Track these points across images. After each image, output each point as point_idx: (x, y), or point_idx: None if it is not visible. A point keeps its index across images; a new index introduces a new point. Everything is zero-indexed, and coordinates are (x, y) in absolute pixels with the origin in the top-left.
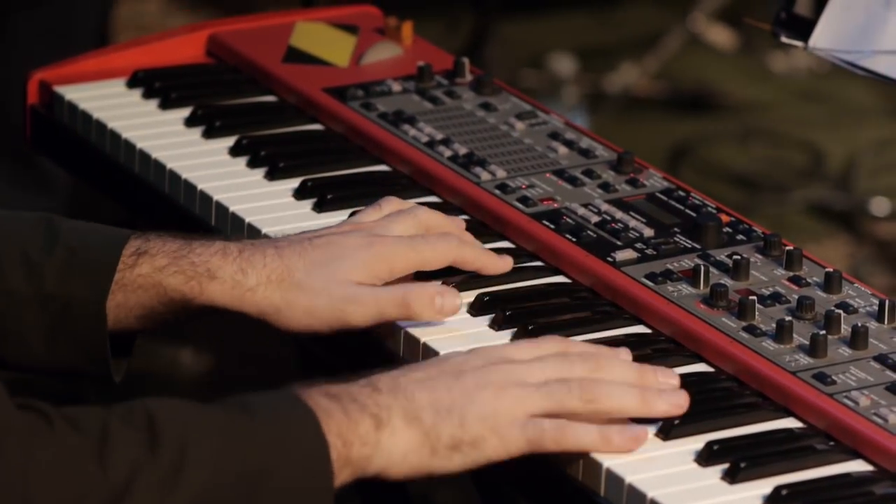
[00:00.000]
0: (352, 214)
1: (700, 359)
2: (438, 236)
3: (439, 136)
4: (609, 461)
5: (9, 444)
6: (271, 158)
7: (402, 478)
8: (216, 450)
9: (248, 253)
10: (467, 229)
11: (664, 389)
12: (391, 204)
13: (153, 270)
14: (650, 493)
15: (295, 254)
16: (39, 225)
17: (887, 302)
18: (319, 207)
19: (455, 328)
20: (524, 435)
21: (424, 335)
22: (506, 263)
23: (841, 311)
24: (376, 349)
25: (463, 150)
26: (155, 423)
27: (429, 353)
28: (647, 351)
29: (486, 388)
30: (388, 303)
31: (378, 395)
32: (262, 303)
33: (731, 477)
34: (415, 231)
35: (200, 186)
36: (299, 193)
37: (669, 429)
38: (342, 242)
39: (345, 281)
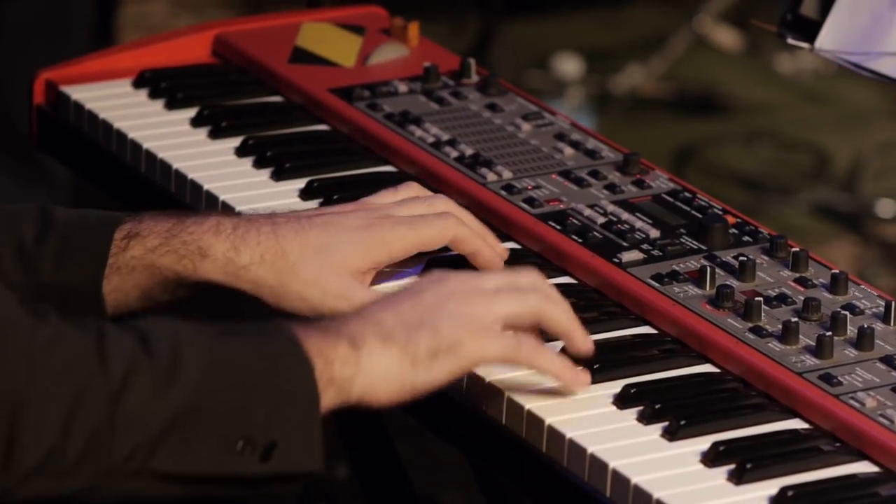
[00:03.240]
0: None
1: (706, 360)
2: (436, 215)
3: (445, 137)
4: (615, 462)
5: (15, 338)
6: (277, 159)
7: (389, 399)
8: (207, 356)
9: (242, 230)
10: None
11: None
12: (410, 189)
13: (145, 252)
14: (656, 494)
15: (291, 232)
16: (35, 215)
17: (893, 303)
18: None
19: None
20: (502, 342)
21: None
22: (502, 252)
23: (847, 313)
24: None
25: (469, 151)
26: (146, 332)
27: None
28: (654, 352)
29: (449, 297)
30: None
31: (349, 322)
32: (256, 281)
33: (737, 478)
34: None
35: (206, 186)
36: (305, 194)
37: (675, 429)
38: (341, 223)
39: (340, 271)
